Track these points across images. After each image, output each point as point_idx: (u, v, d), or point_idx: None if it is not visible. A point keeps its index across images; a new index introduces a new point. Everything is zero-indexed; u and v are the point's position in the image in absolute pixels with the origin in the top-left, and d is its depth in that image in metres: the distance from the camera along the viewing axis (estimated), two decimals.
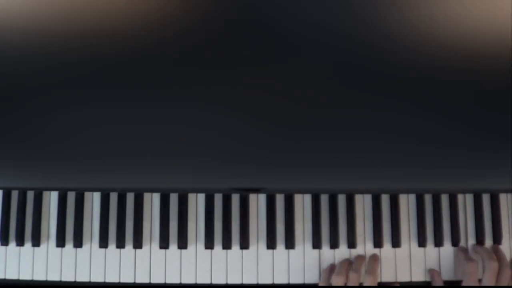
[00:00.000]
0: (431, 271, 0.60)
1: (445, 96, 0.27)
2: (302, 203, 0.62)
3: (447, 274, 0.61)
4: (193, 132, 0.30)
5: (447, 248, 0.62)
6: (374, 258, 0.59)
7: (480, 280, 0.56)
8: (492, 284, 0.54)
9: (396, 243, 0.61)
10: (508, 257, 0.62)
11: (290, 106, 0.27)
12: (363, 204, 0.63)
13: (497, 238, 0.62)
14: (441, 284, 0.58)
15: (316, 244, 0.61)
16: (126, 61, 0.25)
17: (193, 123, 0.29)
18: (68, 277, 0.61)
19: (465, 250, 0.59)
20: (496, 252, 0.59)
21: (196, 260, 0.61)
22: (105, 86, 0.26)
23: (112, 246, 0.61)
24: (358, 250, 0.62)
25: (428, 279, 0.61)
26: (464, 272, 0.55)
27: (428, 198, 0.63)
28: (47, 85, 0.26)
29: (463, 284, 0.56)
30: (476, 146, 0.31)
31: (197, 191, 0.62)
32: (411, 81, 0.26)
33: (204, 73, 0.25)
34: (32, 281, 0.61)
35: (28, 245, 0.62)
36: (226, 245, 0.61)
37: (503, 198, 0.63)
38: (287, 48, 0.24)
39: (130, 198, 0.62)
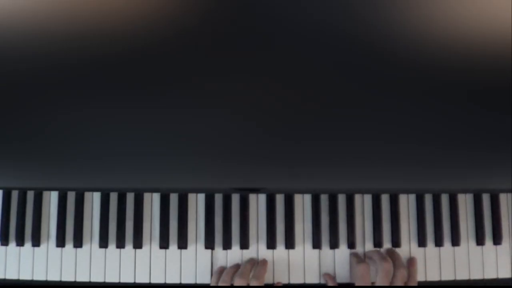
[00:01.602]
0: (324, 276, 0.60)
1: (445, 96, 0.27)
2: (302, 203, 0.62)
3: (447, 274, 0.61)
4: (193, 132, 0.30)
5: (447, 248, 0.62)
6: (263, 263, 0.60)
7: (373, 283, 0.57)
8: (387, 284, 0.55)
9: (396, 243, 0.61)
10: (509, 258, 0.62)
11: (290, 106, 0.27)
12: (363, 204, 0.63)
13: (497, 238, 0.62)
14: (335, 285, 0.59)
15: (316, 244, 0.61)
16: (126, 61, 0.25)
17: (193, 123, 0.29)
18: (68, 277, 0.61)
19: (357, 255, 0.60)
20: (390, 254, 0.60)
21: (196, 260, 0.61)
22: (105, 86, 0.26)
23: (112, 246, 0.61)
24: (358, 250, 0.62)
25: (428, 279, 0.61)
26: (356, 275, 0.55)
27: (428, 198, 0.63)
28: (47, 85, 0.26)
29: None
30: (476, 146, 0.31)
31: (197, 191, 0.62)
32: (411, 81, 0.26)
33: (204, 73, 0.25)
34: (32, 281, 0.61)
35: (28, 245, 0.62)
36: (226, 245, 0.61)
37: (503, 198, 0.63)
38: (287, 48, 0.24)
39: (130, 198, 0.62)
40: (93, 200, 0.62)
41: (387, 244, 0.62)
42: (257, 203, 0.63)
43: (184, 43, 0.24)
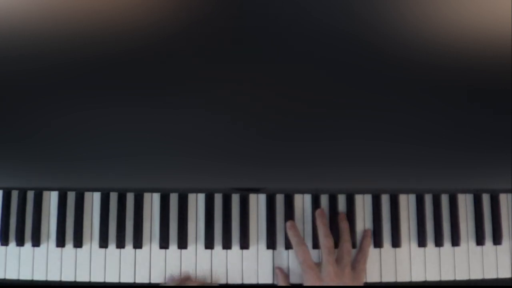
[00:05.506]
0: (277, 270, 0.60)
1: (445, 96, 0.27)
2: (302, 203, 0.62)
3: (447, 274, 0.61)
4: (194, 132, 0.30)
5: (447, 248, 0.62)
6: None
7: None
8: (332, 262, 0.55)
9: (396, 243, 0.61)
10: (509, 258, 0.62)
11: (290, 106, 0.27)
12: (363, 204, 0.63)
13: (497, 238, 0.62)
14: (286, 284, 0.59)
15: (316, 244, 0.61)
16: (126, 61, 0.25)
17: (193, 123, 0.29)
18: (68, 277, 0.61)
19: (296, 232, 0.59)
20: (340, 220, 0.60)
21: (196, 260, 0.61)
22: (105, 86, 0.26)
23: (112, 246, 0.61)
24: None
25: (428, 279, 0.61)
26: (298, 260, 0.56)
27: (428, 198, 0.63)
28: (47, 85, 0.26)
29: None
30: (476, 146, 0.31)
31: (197, 191, 0.62)
32: (411, 81, 0.26)
33: (204, 74, 0.25)
34: (32, 281, 0.61)
35: (28, 245, 0.62)
36: (226, 245, 0.61)
37: (503, 198, 0.63)
38: (287, 48, 0.24)
39: (130, 198, 0.62)
40: (93, 200, 0.62)
41: (387, 244, 0.62)
42: (257, 203, 0.62)
43: (184, 44, 0.24)
